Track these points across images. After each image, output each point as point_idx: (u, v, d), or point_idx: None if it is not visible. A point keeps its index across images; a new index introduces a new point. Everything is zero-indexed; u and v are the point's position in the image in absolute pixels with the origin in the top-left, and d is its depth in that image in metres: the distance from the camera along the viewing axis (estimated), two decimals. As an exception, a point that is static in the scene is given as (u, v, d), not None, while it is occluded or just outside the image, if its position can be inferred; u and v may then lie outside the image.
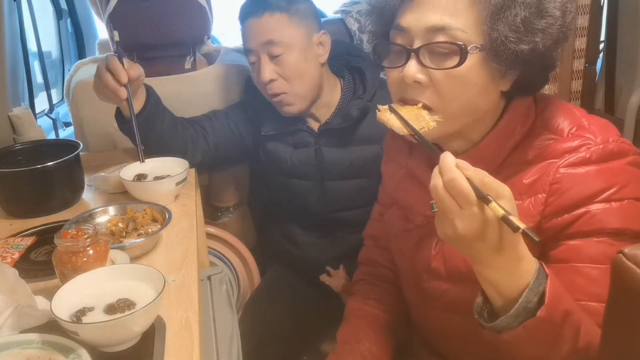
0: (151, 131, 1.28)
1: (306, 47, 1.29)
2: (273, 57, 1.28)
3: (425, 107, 0.80)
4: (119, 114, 1.28)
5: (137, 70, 1.20)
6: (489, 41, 0.75)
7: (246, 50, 1.33)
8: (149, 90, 1.29)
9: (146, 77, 1.50)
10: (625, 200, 0.77)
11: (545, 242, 0.82)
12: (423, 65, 0.78)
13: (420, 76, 0.79)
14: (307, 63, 1.30)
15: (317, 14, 1.34)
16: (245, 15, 1.30)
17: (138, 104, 1.25)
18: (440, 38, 0.76)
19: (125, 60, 1.19)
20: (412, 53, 0.79)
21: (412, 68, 0.79)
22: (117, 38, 1.24)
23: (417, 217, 0.97)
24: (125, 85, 1.18)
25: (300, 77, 1.30)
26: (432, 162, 0.90)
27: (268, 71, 1.28)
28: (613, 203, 0.76)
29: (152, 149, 1.27)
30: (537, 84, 0.84)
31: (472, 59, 0.76)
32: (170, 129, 1.32)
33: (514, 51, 0.74)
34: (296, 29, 1.28)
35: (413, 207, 0.98)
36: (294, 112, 1.34)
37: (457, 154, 0.83)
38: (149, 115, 1.27)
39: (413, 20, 0.78)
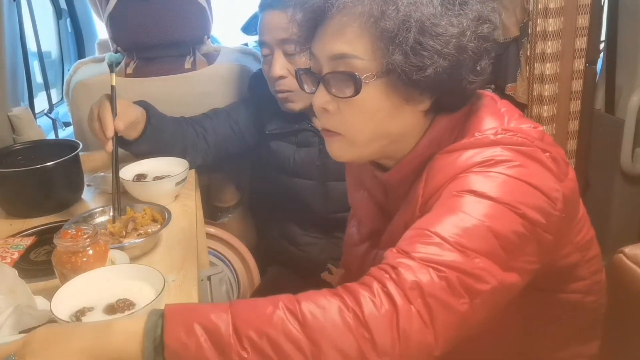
0: (152, 147, 1.28)
1: None
2: (287, 55, 1.27)
3: (335, 134, 0.79)
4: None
5: (126, 119, 1.17)
6: (386, 68, 0.72)
7: (260, 42, 1.32)
8: (149, 111, 1.27)
9: (146, 77, 1.50)
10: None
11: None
12: (329, 93, 0.76)
13: (329, 105, 0.77)
14: None
15: None
16: (267, 5, 1.28)
17: (137, 131, 1.24)
18: (341, 67, 0.75)
19: (119, 103, 1.15)
20: (319, 81, 0.78)
21: (320, 96, 0.78)
22: (113, 82, 1.16)
23: (363, 228, 0.97)
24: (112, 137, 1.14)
25: None
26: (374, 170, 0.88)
27: (280, 67, 1.28)
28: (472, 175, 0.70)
29: (153, 157, 1.27)
30: (457, 103, 0.79)
31: (371, 87, 0.74)
32: (170, 139, 1.32)
33: (413, 77, 0.71)
34: None
35: (363, 220, 0.98)
36: (296, 110, 1.34)
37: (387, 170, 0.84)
38: (150, 135, 1.26)
39: (319, 47, 0.77)
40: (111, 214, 1.07)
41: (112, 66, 1.18)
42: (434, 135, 0.79)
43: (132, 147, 1.26)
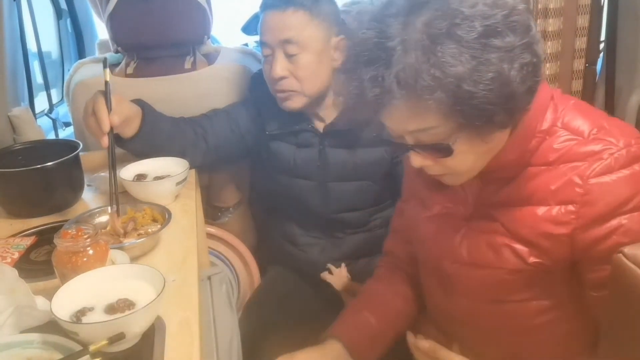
0: (150, 146, 1.28)
1: (322, 50, 1.28)
2: (288, 55, 1.27)
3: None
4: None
5: (121, 114, 1.17)
6: (458, 125, 0.76)
7: (261, 42, 1.32)
8: (145, 109, 1.27)
9: (146, 77, 1.50)
10: None
11: (579, 256, 0.84)
12: (424, 157, 0.83)
13: (426, 162, 0.84)
14: (321, 66, 1.29)
15: (339, 18, 1.32)
16: (268, 5, 1.28)
17: (133, 128, 1.24)
18: (423, 138, 0.80)
19: (113, 99, 1.15)
20: (409, 149, 0.83)
21: (417, 160, 0.84)
22: (107, 78, 1.16)
23: (435, 205, 0.98)
24: (108, 132, 1.14)
25: (312, 79, 1.29)
26: None
27: (280, 68, 1.27)
28: None
29: (151, 157, 1.27)
30: (526, 110, 0.82)
31: (460, 143, 0.79)
32: (168, 139, 1.32)
33: (484, 120, 0.75)
34: (316, 30, 1.27)
35: (431, 197, 0.99)
36: (295, 109, 1.34)
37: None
38: (146, 134, 1.26)
39: (395, 127, 0.82)
40: (110, 211, 1.07)
41: (105, 62, 1.18)
42: (528, 122, 0.84)
43: (128, 146, 1.26)
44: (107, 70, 1.16)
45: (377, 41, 0.75)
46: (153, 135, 1.28)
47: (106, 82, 1.16)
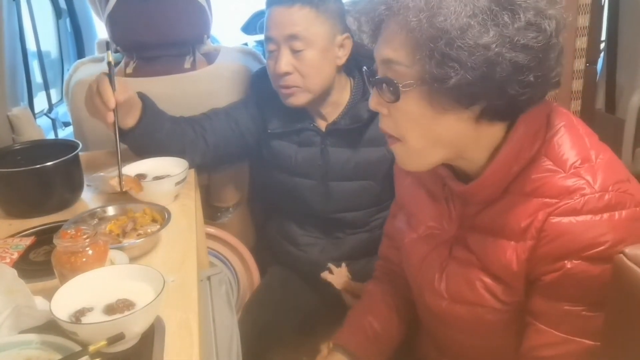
0: (149, 141, 1.28)
1: (328, 47, 1.29)
2: (294, 51, 1.28)
3: (395, 140, 0.84)
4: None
5: (125, 93, 1.18)
6: (422, 77, 0.75)
7: (266, 38, 1.32)
8: (145, 102, 1.27)
9: (146, 76, 1.50)
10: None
11: (529, 285, 0.83)
12: (380, 96, 0.81)
13: (382, 108, 0.82)
14: (325, 62, 1.30)
15: (344, 16, 1.33)
16: (275, 1, 1.29)
17: (133, 118, 1.24)
18: (388, 72, 0.79)
19: (117, 80, 1.17)
20: (372, 84, 0.83)
21: (372, 97, 0.83)
22: (109, 58, 1.18)
23: (420, 226, 0.97)
24: (113, 110, 1.15)
25: (316, 75, 1.30)
26: (442, 173, 0.90)
27: (285, 63, 1.28)
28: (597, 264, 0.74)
29: (150, 155, 1.27)
30: (508, 112, 0.79)
31: (411, 94, 0.77)
32: (168, 136, 1.32)
33: (442, 87, 0.73)
34: (322, 27, 1.28)
35: (417, 215, 0.98)
36: (298, 105, 1.34)
37: (468, 174, 0.86)
38: (146, 126, 1.26)
39: (375, 51, 0.82)
40: (117, 177, 1.11)
41: (109, 44, 1.21)
42: (513, 147, 0.80)
43: (128, 138, 1.26)
44: (110, 51, 1.19)
45: None
46: (154, 128, 1.28)
47: (109, 63, 1.17)
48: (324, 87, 1.33)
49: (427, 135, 0.80)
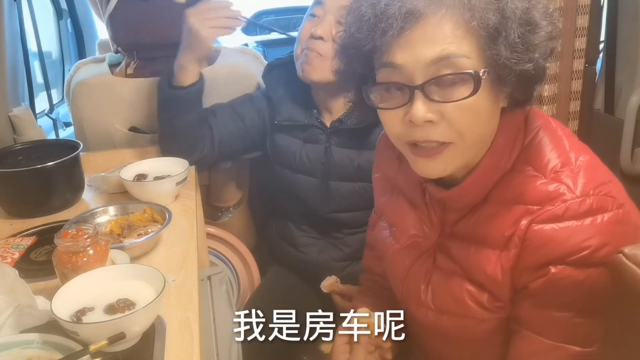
0: (193, 107, 1.34)
1: None
2: (338, 22, 1.27)
3: (443, 146, 0.76)
4: (167, 82, 1.34)
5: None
6: (492, 65, 0.71)
7: (317, 1, 1.32)
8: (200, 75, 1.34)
9: (146, 77, 1.50)
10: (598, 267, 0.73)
11: (515, 293, 0.81)
12: (432, 100, 0.72)
13: (431, 115, 0.72)
14: None
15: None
16: None
17: (192, 75, 1.32)
18: (447, 70, 0.71)
19: None
20: (417, 90, 0.72)
21: (421, 107, 0.72)
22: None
23: (402, 236, 0.95)
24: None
25: None
26: (421, 179, 0.88)
27: (324, 29, 1.28)
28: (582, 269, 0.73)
29: (167, 141, 1.31)
30: (529, 98, 0.79)
31: (482, 85, 0.72)
32: (198, 120, 1.36)
33: (517, 71, 0.71)
34: None
35: (398, 225, 0.96)
36: (312, 80, 1.32)
37: (457, 180, 0.84)
38: (197, 92, 1.33)
39: (409, 56, 0.71)
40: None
41: None
42: (494, 155, 0.80)
43: (180, 91, 1.32)
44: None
45: None
46: (199, 98, 1.35)
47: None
48: None
49: (481, 134, 0.77)
